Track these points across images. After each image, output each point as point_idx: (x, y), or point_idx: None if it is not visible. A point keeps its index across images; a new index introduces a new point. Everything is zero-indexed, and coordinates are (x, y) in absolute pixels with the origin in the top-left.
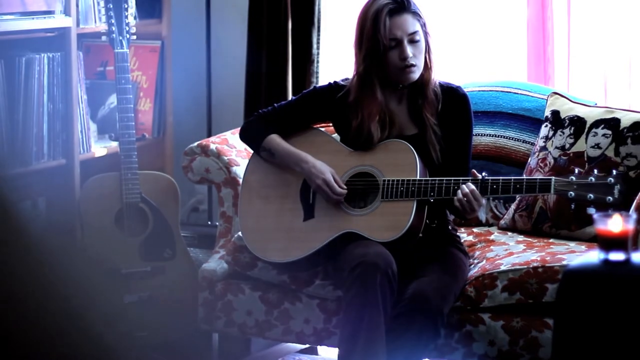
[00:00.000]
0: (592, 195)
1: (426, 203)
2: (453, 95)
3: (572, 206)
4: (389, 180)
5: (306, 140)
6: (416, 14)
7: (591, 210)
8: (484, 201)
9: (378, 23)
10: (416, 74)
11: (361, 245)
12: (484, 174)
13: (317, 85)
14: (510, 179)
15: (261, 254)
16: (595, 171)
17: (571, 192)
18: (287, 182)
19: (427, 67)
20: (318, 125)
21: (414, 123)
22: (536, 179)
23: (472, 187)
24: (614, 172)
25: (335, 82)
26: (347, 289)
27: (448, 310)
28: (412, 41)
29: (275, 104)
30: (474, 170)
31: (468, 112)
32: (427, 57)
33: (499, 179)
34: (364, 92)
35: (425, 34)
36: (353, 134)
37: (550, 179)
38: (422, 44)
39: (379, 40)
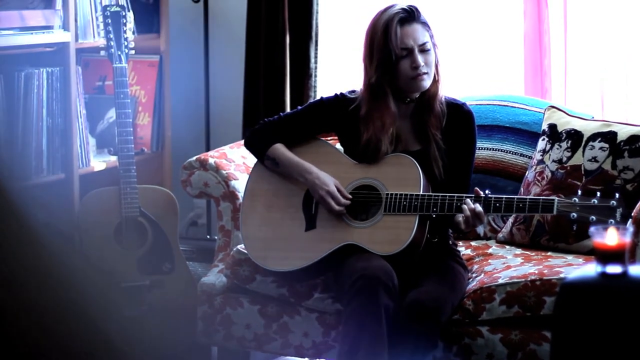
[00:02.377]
0: (594, 217)
1: (428, 218)
2: (458, 111)
3: (574, 227)
4: (392, 194)
5: (311, 151)
6: (425, 25)
7: (591, 229)
8: (485, 219)
9: (389, 32)
10: (427, 83)
11: (362, 258)
12: (487, 191)
13: (324, 97)
14: (514, 198)
15: (262, 262)
16: (598, 193)
17: (574, 214)
18: (291, 191)
19: (434, 81)
20: (323, 137)
21: (418, 139)
22: (539, 198)
23: (476, 204)
24: (617, 195)
25: (342, 93)
26: (347, 301)
27: (445, 319)
28: (423, 50)
29: (282, 113)
30: (476, 188)
31: (472, 129)
32: (436, 70)
33: (502, 198)
34: (376, 104)
35: (434, 45)
36: (361, 147)
37: (553, 200)
38: (432, 54)
39: (390, 49)
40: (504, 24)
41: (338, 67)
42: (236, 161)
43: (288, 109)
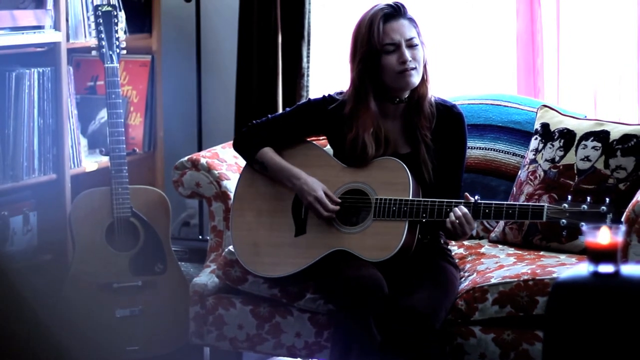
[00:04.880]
0: (584, 224)
1: (418, 223)
2: (448, 113)
3: (564, 233)
4: (381, 199)
5: (299, 154)
6: (412, 21)
7: (583, 228)
8: (475, 224)
9: (372, 27)
10: (415, 79)
11: (352, 266)
12: (476, 197)
13: (312, 98)
14: (503, 204)
15: (252, 267)
16: (588, 199)
17: (563, 220)
18: (280, 196)
19: (423, 81)
20: (312, 139)
21: (408, 142)
22: (529, 205)
23: (465, 210)
24: (607, 200)
25: (329, 94)
26: (337, 311)
27: (439, 325)
28: (410, 46)
29: (269, 115)
30: (466, 194)
31: (462, 131)
32: (424, 69)
33: (492, 204)
34: (358, 103)
35: (422, 43)
36: (348, 148)
37: (543, 206)
38: (420, 51)
39: (373, 44)
40: (496, 23)
41: (330, 67)
42: (228, 161)
43: (280, 109)
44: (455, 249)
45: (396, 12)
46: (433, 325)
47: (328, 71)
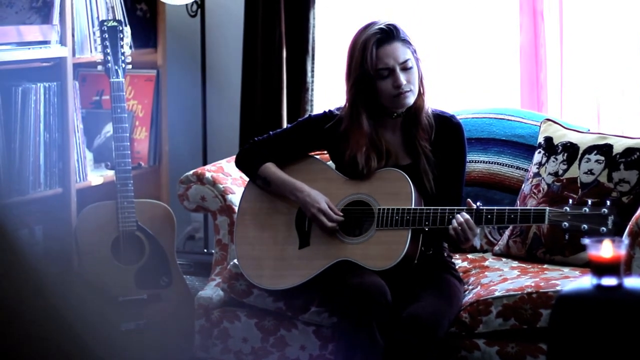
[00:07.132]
0: (586, 226)
1: (421, 232)
2: (446, 124)
3: (567, 236)
4: (384, 209)
5: (302, 168)
6: (406, 42)
7: (585, 241)
8: (478, 230)
9: (365, 53)
10: (411, 99)
11: (356, 274)
12: (478, 203)
13: (312, 114)
14: (505, 209)
15: (257, 281)
16: (590, 202)
17: (565, 223)
18: (283, 209)
19: (419, 94)
20: (314, 153)
21: (408, 153)
22: (530, 209)
23: (467, 216)
24: (608, 202)
25: (330, 110)
26: (340, 319)
27: (442, 335)
28: (405, 68)
29: (271, 132)
30: (469, 200)
31: (462, 141)
32: (420, 83)
33: (494, 209)
34: (352, 122)
35: (417, 60)
36: (348, 162)
37: (545, 210)
38: (415, 70)
39: (366, 69)
40: (500, 37)
41: (335, 81)
42: (233, 175)
43: (285, 123)
44: (459, 262)
45: (389, 35)
46: (436, 334)
47: (332, 85)
